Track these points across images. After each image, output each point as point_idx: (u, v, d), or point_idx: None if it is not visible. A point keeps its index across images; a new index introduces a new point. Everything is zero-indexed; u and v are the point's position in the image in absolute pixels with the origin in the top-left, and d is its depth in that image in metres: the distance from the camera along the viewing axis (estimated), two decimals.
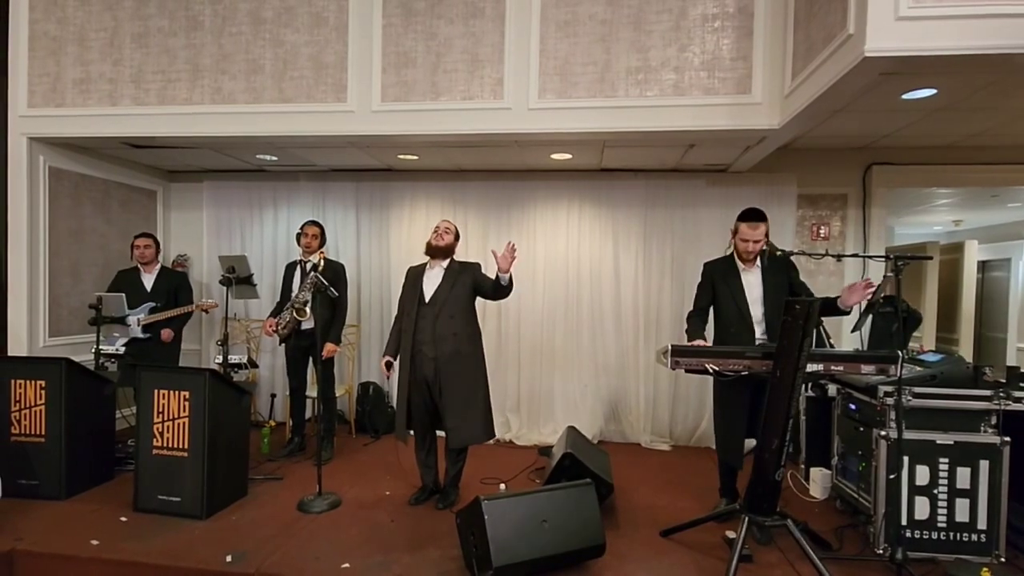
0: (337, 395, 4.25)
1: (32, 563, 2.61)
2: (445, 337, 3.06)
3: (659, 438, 4.52)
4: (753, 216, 2.91)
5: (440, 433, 3.20)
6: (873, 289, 2.66)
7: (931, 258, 4.57)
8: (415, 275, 3.24)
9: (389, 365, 3.21)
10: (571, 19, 3.44)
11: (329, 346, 3.81)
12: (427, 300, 3.11)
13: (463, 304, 3.13)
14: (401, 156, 4.31)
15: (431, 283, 3.15)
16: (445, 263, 3.20)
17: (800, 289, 2.95)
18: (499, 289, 3.06)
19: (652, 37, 3.39)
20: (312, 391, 4.14)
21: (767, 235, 2.91)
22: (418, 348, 3.07)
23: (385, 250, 4.87)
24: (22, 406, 3.24)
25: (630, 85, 3.42)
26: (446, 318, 3.07)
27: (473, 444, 3.18)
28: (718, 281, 3.04)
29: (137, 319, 4.00)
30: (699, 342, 2.86)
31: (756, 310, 2.93)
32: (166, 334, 4.09)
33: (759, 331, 2.93)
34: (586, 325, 4.62)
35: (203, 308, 4.15)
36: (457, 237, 3.28)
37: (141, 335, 4.02)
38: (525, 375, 4.69)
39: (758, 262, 2.96)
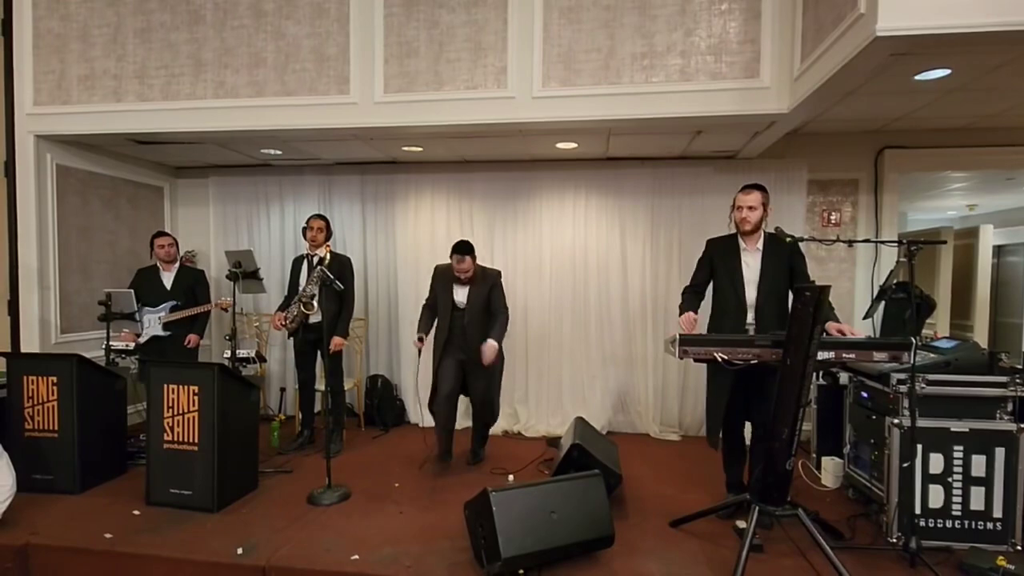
0: (346, 388, 4.26)
1: (47, 556, 2.65)
2: (475, 337, 3.56)
3: (668, 428, 4.50)
4: (747, 185, 2.90)
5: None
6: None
7: (944, 242, 4.50)
8: (447, 279, 3.65)
9: (422, 340, 3.57)
10: (574, 5, 3.39)
11: (336, 340, 3.83)
12: (460, 307, 3.63)
13: (484, 309, 3.62)
14: (405, 148, 4.28)
15: (460, 292, 3.64)
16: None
17: (803, 279, 2.88)
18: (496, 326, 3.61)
19: (657, 22, 3.33)
20: (321, 384, 4.16)
21: (765, 206, 2.87)
22: (453, 343, 3.61)
23: (391, 243, 4.86)
24: (35, 402, 3.28)
25: (635, 71, 3.37)
26: (475, 322, 3.59)
27: (491, 424, 3.83)
28: (717, 258, 3.00)
29: (158, 317, 4.03)
30: (689, 315, 2.85)
31: (750, 293, 2.89)
32: (194, 340, 4.13)
33: (750, 316, 2.88)
34: (593, 315, 4.60)
35: (222, 307, 4.15)
36: (474, 256, 3.60)
37: (162, 332, 4.05)
38: (533, 366, 4.68)
39: (760, 244, 2.91)
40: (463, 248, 3.52)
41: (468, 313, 3.60)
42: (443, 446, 3.70)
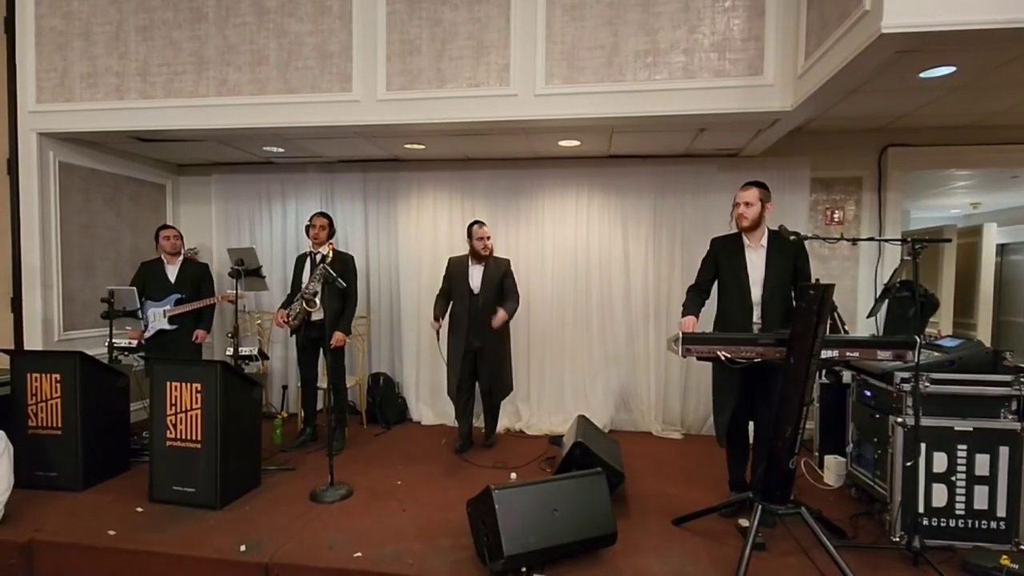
0: (348, 386, 4.26)
1: (51, 553, 2.66)
2: (485, 322, 3.81)
3: (670, 427, 4.50)
4: (745, 183, 2.90)
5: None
6: None
7: (949, 241, 4.48)
8: (462, 268, 3.93)
9: (438, 320, 3.88)
10: (578, 2, 3.38)
11: (337, 335, 3.83)
12: (475, 292, 3.87)
13: (497, 293, 3.89)
14: (407, 146, 4.28)
15: (475, 278, 3.89)
16: (484, 261, 3.91)
17: (806, 278, 2.87)
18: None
19: (661, 19, 3.32)
20: (324, 382, 4.16)
21: (764, 202, 2.86)
22: (471, 328, 3.85)
23: (393, 241, 4.86)
24: (38, 399, 3.28)
25: (638, 69, 3.36)
26: (487, 307, 3.83)
27: (505, 398, 4.10)
28: (722, 257, 3.00)
29: (163, 310, 4.04)
30: (690, 318, 2.85)
31: (755, 291, 2.88)
32: (202, 335, 4.16)
33: (756, 314, 2.88)
34: (595, 313, 4.59)
35: (229, 299, 4.15)
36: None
37: (168, 326, 4.06)
38: (535, 364, 4.68)
39: (764, 241, 2.90)
40: (479, 221, 3.95)
41: (482, 297, 3.85)
42: (463, 438, 4.02)
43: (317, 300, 3.77)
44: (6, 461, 2.84)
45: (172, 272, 4.17)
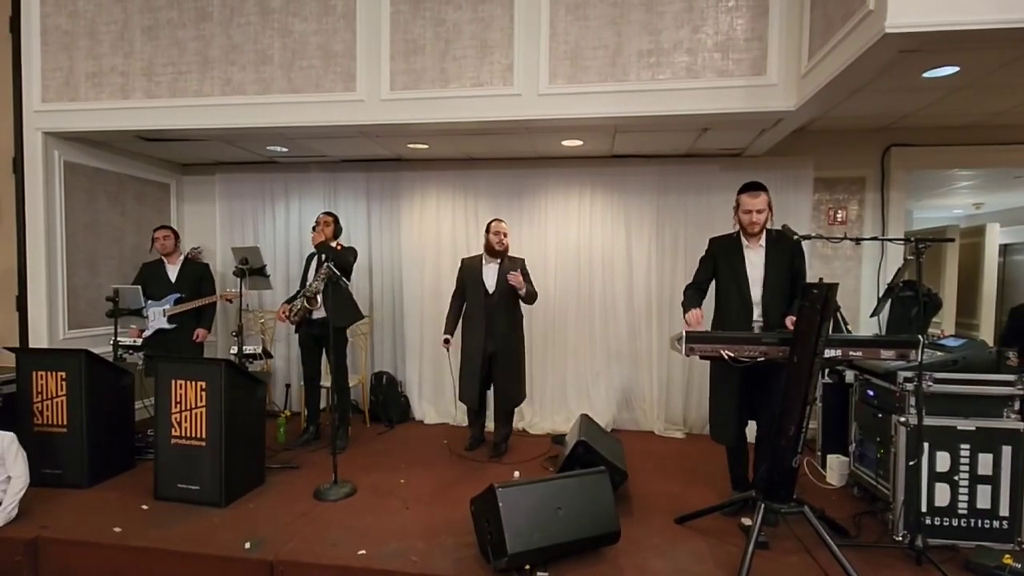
0: (351, 385, 4.27)
1: (57, 549, 2.67)
2: (501, 322, 3.78)
3: (673, 426, 4.51)
4: (752, 187, 2.89)
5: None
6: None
7: (953, 240, 4.47)
8: (475, 268, 3.86)
9: (448, 341, 3.84)
10: (581, 2, 3.38)
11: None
12: (490, 292, 3.79)
13: (512, 295, 3.76)
14: (411, 145, 4.29)
15: (490, 277, 3.81)
16: (499, 259, 3.84)
17: (802, 276, 2.87)
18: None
19: (664, 18, 3.32)
20: (326, 381, 4.18)
21: (770, 206, 2.87)
22: (488, 330, 3.77)
23: (396, 240, 4.87)
24: (44, 397, 3.30)
25: (642, 68, 3.36)
26: (502, 307, 3.78)
27: (518, 405, 4.01)
28: (720, 257, 3.00)
29: (163, 310, 4.06)
30: (695, 311, 2.86)
31: (756, 291, 2.89)
32: (202, 334, 4.17)
33: (756, 313, 2.88)
34: (598, 312, 4.60)
35: (227, 298, 4.18)
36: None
37: (167, 326, 4.08)
38: (537, 363, 4.68)
39: (763, 241, 2.91)
40: (498, 218, 3.93)
41: (497, 296, 3.78)
42: (474, 435, 4.03)
43: (319, 298, 3.77)
44: (21, 461, 2.87)
45: (173, 272, 4.19)
